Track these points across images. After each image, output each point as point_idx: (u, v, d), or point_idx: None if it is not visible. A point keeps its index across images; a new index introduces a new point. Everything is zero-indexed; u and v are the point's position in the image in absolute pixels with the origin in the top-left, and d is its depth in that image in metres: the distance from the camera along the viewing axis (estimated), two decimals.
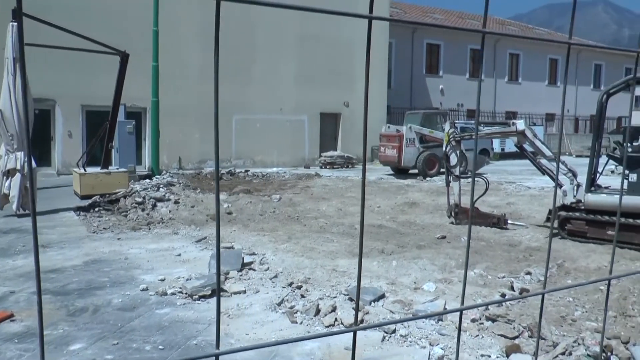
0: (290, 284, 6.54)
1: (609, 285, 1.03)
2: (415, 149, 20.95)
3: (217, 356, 0.82)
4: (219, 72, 0.71)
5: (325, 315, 5.48)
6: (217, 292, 0.80)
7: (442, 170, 22.43)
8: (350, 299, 5.99)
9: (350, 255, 8.15)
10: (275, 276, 6.93)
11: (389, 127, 22.60)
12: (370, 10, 0.70)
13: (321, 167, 24.66)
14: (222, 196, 13.38)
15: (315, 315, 5.50)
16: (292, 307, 5.76)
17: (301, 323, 5.39)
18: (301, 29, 25.40)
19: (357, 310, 0.76)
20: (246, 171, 21.18)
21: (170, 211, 11.52)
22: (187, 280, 6.60)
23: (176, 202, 12.19)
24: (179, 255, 8.21)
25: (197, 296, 6.07)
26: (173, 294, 6.24)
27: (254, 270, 7.23)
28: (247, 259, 7.53)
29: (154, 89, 18.20)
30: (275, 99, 25.56)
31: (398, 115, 33.77)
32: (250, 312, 5.68)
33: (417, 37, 35.85)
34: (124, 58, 14.22)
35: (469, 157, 22.58)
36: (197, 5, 22.91)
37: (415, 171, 21.05)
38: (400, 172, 21.53)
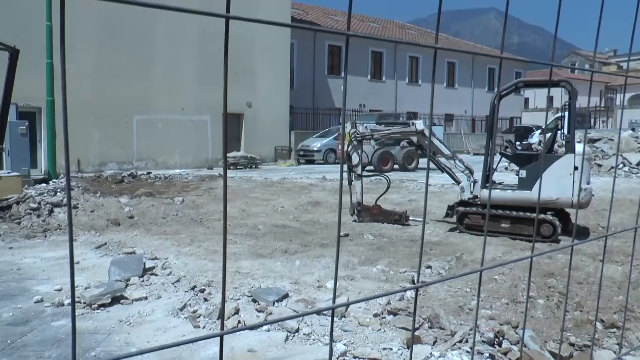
0: (193, 288, 6.39)
1: (480, 276, 1.05)
2: (370, 147, 21.72)
3: None
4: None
5: (229, 318, 5.39)
6: None
7: (395, 167, 23.47)
8: (254, 300, 5.94)
9: (254, 257, 8.09)
10: (178, 280, 6.75)
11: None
12: (227, 10, 0.67)
13: None
14: (123, 199, 12.91)
15: (218, 319, 5.41)
16: (194, 312, 5.63)
17: (204, 327, 5.28)
18: (201, 26, 24.82)
19: (222, 314, 0.73)
20: (148, 173, 20.54)
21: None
22: (85, 288, 6.28)
23: (75, 207, 11.63)
24: (78, 262, 7.82)
25: (96, 305, 5.80)
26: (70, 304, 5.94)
27: (156, 275, 7.01)
28: (148, 264, 7.29)
29: (49, 88, 17.27)
30: (177, 99, 24.92)
31: (301, 116, 33.95)
32: (152, 319, 5.49)
33: (319, 38, 36.18)
34: (14, 54, 13.35)
35: (395, 155, 23.79)
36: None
37: (371, 168, 22.23)
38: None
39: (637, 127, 31.84)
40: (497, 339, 4.76)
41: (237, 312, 5.53)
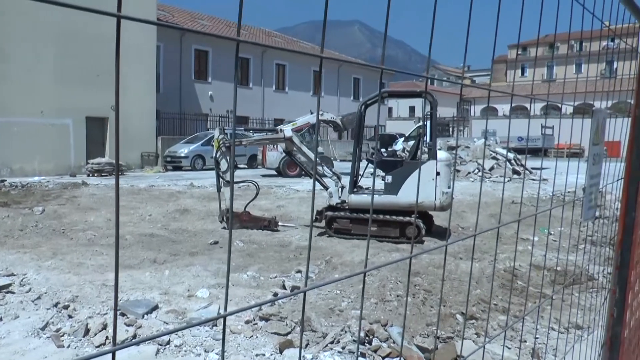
0: (55, 305, 6.00)
1: (364, 277, 1.12)
2: (278, 152, 22.30)
3: None
4: None
5: (96, 334, 5.15)
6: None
7: (303, 173, 23.38)
8: (122, 314, 5.72)
9: (121, 268, 7.78)
10: (39, 297, 6.30)
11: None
12: (119, 9, 0.67)
13: (88, 175, 23.14)
14: None
15: (84, 336, 5.14)
16: (58, 330, 5.31)
17: (68, 346, 5.00)
18: (60, 23, 23.38)
19: (115, 326, 0.73)
20: (2, 181, 19.05)
21: None
22: None
23: None
24: None
25: None
26: None
27: (13, 293, 6.50)
28: (3, 281, 6.75)
29: None
30: (35, 101, 23.21)
31: (168, 121, 33.11)
32: (7, 342, 5.09)
33: (185, 42, 35.50)
34: None
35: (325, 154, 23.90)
36: None
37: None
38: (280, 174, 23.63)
39: (489, 136, 34.26)
40: (367, 338, 4.96)
41: (104, 327, 5.30)
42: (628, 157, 2.18)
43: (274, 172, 24.33)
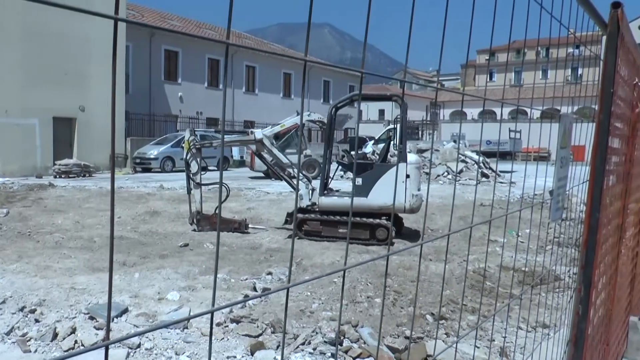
0: (22, 309, 5.89)
1: (344, 276, 1.14)
2: (267, 155, 21.67)
3: None
4: None
5: (64, 338, 5.09)
6: None
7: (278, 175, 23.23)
8: (91, 318, 5.66)
9: (90, 271, 7.69)
10: (3, 302, 6.16)
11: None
12: (116, 12, 0.68)
13: (55, 177, 22.74)
14: None
15: (52, 341, 5.07)
16: (24, 335, 5.22)
17: (35, 351, 4.93)
18: (25, 20, 22.91)
19: (108, 322, 0.74)
20: None
21: None
22: None
23: None
24: None
25: None
26: None
27: None
28: None
29: None
30: None
31: (137, 122, 32.76)
32: None
33: (155, 42, 35.14)
34: None
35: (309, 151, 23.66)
36: None
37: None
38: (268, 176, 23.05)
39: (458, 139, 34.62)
40: (338, 339, 4.99)
41: (73, 331, 5.23)
42: (592, 161, 2.25)
43: (262, 175, 23.97)
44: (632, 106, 2.96)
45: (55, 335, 5.13)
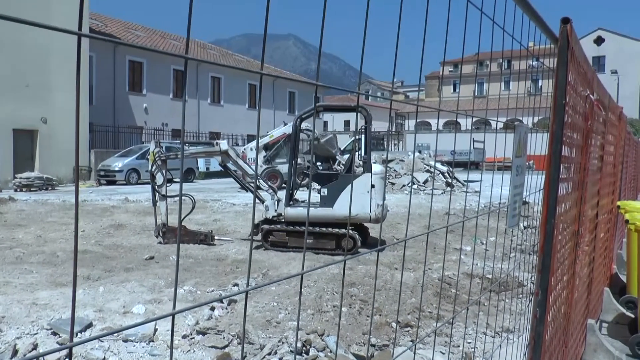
0: None
1: (302, 279, 1.18)
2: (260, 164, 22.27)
3: None
4: None
5: (25, 355, 4.99)
6: None
7: (283, 185, 22.90)
8: (54, 333, 5.56)
9: (53, 286, 7.55)
10: None
11: None
12: (80, 27, 0.71)
13: (16, 190, 22.31)
14: None
15: (12, 358, 4.97)
16: None
17: None
18: None
19: (72, 324, 0.76)
20: None
21: None
22: None
23: None
24: None
25: None
26: None
27: None
28: None
29: None
30: None
31: (101, 134, 32.35)
32: None
33: (119, 52, 34.79)
34: None
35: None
36: None
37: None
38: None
39: (423, 150, 35.06)
40: (304, 348, 5.02)
41: (35, 347, 5.14)
42: (547, 169, 2.34)
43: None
44: (584, 117, 3.08)
45: (15, 352, 5.03)
